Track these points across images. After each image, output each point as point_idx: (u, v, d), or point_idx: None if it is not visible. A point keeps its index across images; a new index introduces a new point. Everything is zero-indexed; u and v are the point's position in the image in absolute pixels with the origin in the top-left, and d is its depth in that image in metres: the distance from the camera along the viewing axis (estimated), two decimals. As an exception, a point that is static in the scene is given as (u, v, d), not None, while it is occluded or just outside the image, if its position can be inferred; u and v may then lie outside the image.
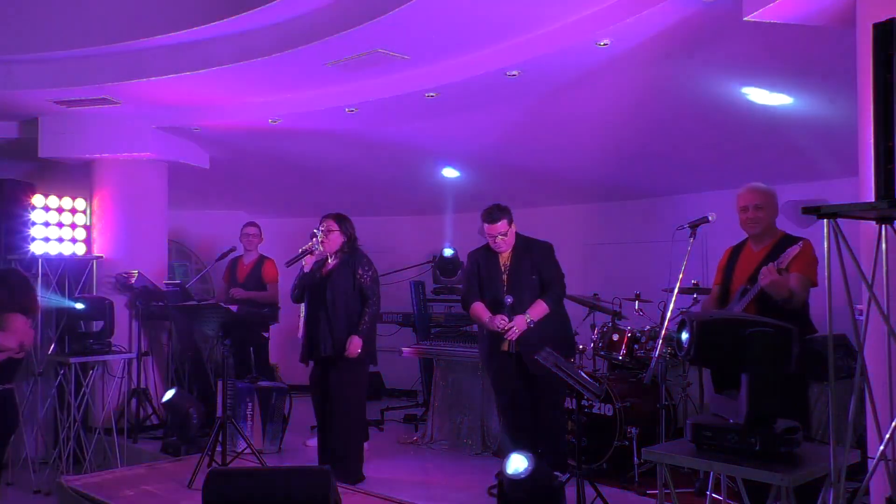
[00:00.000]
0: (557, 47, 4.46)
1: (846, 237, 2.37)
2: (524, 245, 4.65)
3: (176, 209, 7.29)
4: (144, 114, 6.34)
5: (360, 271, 4.86)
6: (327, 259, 5.00)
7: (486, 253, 4.70)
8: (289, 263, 4.98)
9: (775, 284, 3.54)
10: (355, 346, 4.73)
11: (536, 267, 4.56)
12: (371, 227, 5.63)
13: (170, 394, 5.70)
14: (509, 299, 4.49)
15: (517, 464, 3.80)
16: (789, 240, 3.81)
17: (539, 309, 4.49)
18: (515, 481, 3.77)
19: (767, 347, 2.59)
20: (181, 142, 6.90)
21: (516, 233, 4.66)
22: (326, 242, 4.91)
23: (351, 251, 4.96)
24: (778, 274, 3.53)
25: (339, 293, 4.83)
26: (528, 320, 4.44)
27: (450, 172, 7.18)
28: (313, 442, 5.92)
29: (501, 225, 4.54)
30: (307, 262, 4.95)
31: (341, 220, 4.98)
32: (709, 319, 2.86)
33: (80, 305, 5.96)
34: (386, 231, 7.91)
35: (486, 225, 4.58)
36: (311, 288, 4.95)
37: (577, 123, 5.70)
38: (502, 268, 4.62)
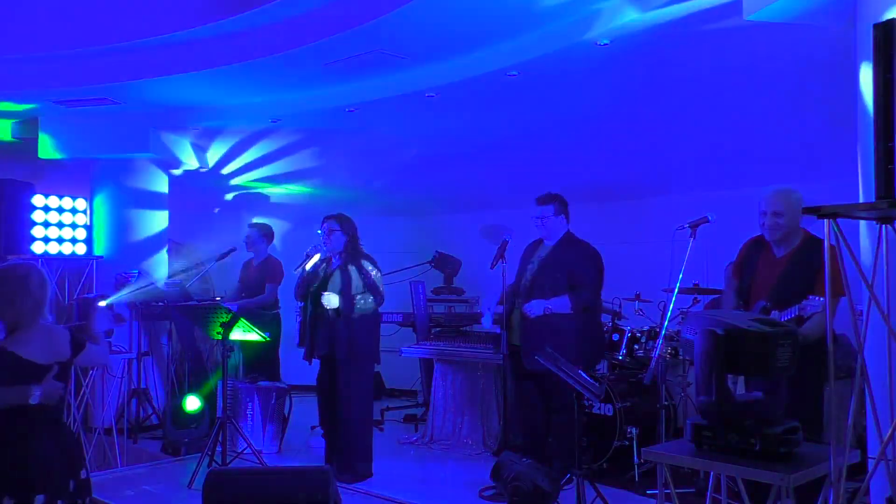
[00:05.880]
0: (557, 47, 4.46)
1: (846, 237, 2.38)
2: (567, 243, 4.62)
3: (176, 209, 7.27)
4: (144, 114, 6.34)
5: (364, 270, 4.89)
6: (330, 259, 5.04)
7: (536, 243, 4.74)
8: (296, 270, 5.12)
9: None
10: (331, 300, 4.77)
11: (567, 267, 4.50)
12: (371, 227, 5.64)
13: (197, 403, 5.87)
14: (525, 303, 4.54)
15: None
16: (813, 243, 3.65)
17: (560, 302, 4.43)
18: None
19: (712, 348, 2.59)
20: (181, 142, 6.90)
21: (568, 231, 4.66)
22: (329, 242, 4.97)
23: (353, 250, 4.99)
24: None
25: (342, 292, 4.87)
26: (547, 307, 4.42)
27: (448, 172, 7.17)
28: (315, 442, 5.93)
29: (547, 209, 4.59)
30: (310, 262, 5.04)
31: (342, 219, 5.02)
32: (692, 317, 2.90)
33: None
34: (386, 231, 7.90)
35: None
36: (315, 287, 4.99)
37: (576, 123, 5.70)
38: (537, 258, 4.62)
